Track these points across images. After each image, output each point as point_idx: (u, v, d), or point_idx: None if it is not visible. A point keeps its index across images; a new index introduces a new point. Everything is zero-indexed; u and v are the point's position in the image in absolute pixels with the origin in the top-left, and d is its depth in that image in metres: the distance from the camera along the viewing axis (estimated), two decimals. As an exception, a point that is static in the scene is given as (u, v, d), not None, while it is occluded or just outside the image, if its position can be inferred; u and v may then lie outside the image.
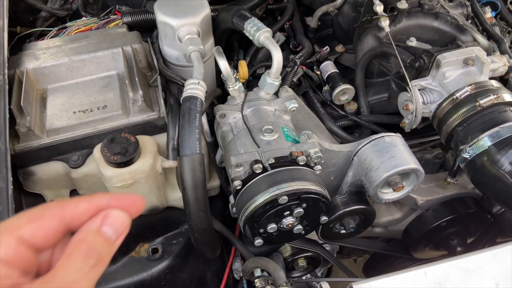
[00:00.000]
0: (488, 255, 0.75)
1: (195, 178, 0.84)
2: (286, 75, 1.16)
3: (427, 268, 0.73)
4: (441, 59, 0.98)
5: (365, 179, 0.93)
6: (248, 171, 0.86)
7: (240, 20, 1.02)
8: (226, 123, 0.98)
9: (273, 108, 0.99)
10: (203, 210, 0.88)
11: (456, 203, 1.14)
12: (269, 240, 0.89)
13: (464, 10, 1.16)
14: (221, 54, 0.96)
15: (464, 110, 0.94)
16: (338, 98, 1.17)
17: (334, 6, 1.25)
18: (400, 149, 0.91)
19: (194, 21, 1.01)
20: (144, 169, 0.94)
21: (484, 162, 0.90)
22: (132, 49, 1.07)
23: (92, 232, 0.40)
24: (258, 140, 0.90)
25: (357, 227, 1.01)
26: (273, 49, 0.95)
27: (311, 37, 1.32)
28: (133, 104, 1.01)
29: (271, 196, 0.81)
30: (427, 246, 1.23)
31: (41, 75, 1.03)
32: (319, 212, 0.88)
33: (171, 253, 1.09)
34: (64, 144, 0.98)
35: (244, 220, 0.85)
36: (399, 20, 1.08)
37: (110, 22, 1.17)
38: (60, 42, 1.10)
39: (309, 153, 0.88)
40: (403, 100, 1.03)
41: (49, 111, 0.99)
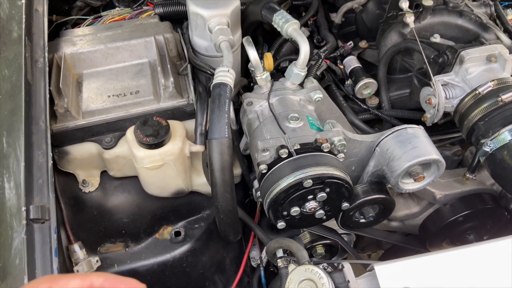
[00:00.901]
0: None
1: (223, 161, 0.88)
2: (310, 68, 1.20)
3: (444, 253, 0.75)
4: (464, 55, 1.00)
5: (386, 169, 0.96)
6: (274, 156, 0.89)
7: (269, 12, 1.06)
8: (253, 111, 1.02)
9: (298, 98, 1.03)
10: (229, 192, 0.91)
11: (474, 198, 1.16)
12: (291, 224, 0.92)
13: (487, 10, 1.18)
14: (250, 43, 1.00)
15: (486, 105, 0.96)
16: (360, 92, 1.20)
17: (358, 3, 1.28)
18: (423, 140, 0.94)
19: (224, 12, 1.05)
20: (173, 151, 0.98)
21: (504, 156, 0.92)
22: (164, 38, 1.12)
23: None
24: (284, 127, 0.94)
25: (376, 217, 1.04)
26: (301, 40, 0.98)
27: (335, 33, 1.35)
28: (164, 90, 1.05)
29: (295, 180, 0.84)
30: (444, 241, 1.24)
31: (77, 60, 1.08)
32: (341, 197, 0.91)
33: (193, 236, 1.13)
34: (98, 126, 1.02)
35: (268, 203, 0.88)
36: (423, 17, 1.11)
37: (142, 12, 1.22)
38: (96, 30, 1.16)
39: (333, 141, 0.91)
40: (426, 95, 1.05)
41: (85, 94, 1.04)
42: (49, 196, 0.82)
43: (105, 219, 1.10)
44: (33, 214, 0.77)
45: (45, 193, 0.82)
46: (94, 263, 1.00)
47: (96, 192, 1.11)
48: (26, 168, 0.81)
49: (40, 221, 0.79)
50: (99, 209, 1.10)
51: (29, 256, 0.75)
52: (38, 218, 0.78)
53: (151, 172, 1.02)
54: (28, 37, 0.99)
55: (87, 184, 1.09)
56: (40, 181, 0.84)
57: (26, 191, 0.79)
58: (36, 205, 0.78)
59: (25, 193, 0.78)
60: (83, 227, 1.06)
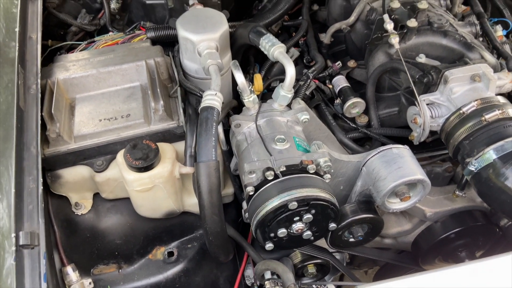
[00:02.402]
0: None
1: (211, 183, 0.90)
2: (299, 88, 1.22)
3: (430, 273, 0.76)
4: (448, 75, 1.02)
5: (373, 189, 0.97)
6: (261, 178, 0.91)
7: (256, 36, 1.08)
8: (241, 132, 1.04)
9: (285, 119, 1.04)
10: (217, 214, 0.93)
11: (465, 215, 1.16)
12: (279, 245, 0.93)
13: (472, 29, 1.20)
14: (237, 67, 1.02)
15: (470, 125, 0.97)
16: (349, 111, 1.22)
17: (347, 24, 1.30)
18: (407, 160, 0.95)
19: (213, 36, 1.08)
20: (163, 174, 1.00)
21: (490, 175, 0.93)
22: (155, 62, 1.15)
23: None
24: (270, 149, 0.95)
25: (366, 236, 1.05)
26: (286, 63, 1.00)
27: (324, 53, 1.37)
28: (154, 113, 1.07)
29: (281, 202, 0.85)
30: (436, 258, 1.24)
31: (70, 85, 1.11)
32: (327, 218, 0.92)
33: (186, 256, 1.14)
34: (90, 150, 1.04)
35: (255, 224, 0.89)
36: (408, 37, 1.13)
37: (135, 36, 1.25)
38: (89, 55, 1.19)
39: (319, 162, 0.92)
40: (412, 114, 1.07)
41: (77, 118, 1.07)
42: (39, 221, 0.84)
43: (98, 241, 1.11)
44: (23, 240, 0.79)
45: (35, 218, 0.84)
46: (87, 285, 1.01)
47: (88, 214, 1.13)
48: (17, 194, 0.83)
49: (30, 246, 0.80)
50: (92, 231, 1.12)
51: (18, 281, 0.76)
52: (28, 244, 0.79)
53: (141, 195, 1.03)
54: (21, 64, 1.02)
55: (80, 206, 1.11)
56: (31, 207, 0.85)
57: (16, 216, 0.81)
58: (25, 231, 0.80)
59: (15, 219, 0.80)
60: (76, 249, 1.08)
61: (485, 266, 0.79)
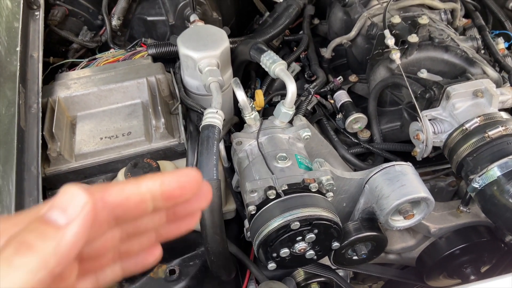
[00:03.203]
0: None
1: (212, 203, 0.89)
2: (300, 103, 1.21)
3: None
4: (450, 91, 1.01)
5: (376, 207, 0.96)
6: (262, 197, 0.90)
7: (257, 53, 1.08)
8: (242, 150, 1.03)
9: (287, 136, 1.04)
10: (219, 234, 0.92)
11: (469, 231, 1.15)
12: (282, 264, 0.92)
13: (474, 43, 1.20)
14: (238, 85, 1.02)
15: (473, 141, 0.96)
16: (351, 126, 1.21)
17: (347, 38, 1.30)
18: (410, 177, 0.94)
19: (214, 53, 1.08)
20: (164, 193, 0.99)
21: (494, 192, 0.92)
22: (156, 79, 1.15)
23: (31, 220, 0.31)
24: (272, 167, 0.95)
25: (369, 254, 1.03)
26: (287, 80, 1.00)
27: (326, 67, 1.37)
28: (155, 131, 1.07)
29: (284, 222, 0.84)
30: (441, 274, 1.23)
31: (71, 103, 1.11)
32: (330, 238, 0.91)
33: (188, 274, 1.12)
34: (91, 168, 1.04)
35: (258, 244, 0.88)
36: (410, 52, 1.13)
37: (136, 53, 1.25)
38: (90, 72, 1.19)
39: (321, 180, 0.92)
40: (414, 130, 1.06)
41: (78, 137, 1.06)
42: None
43: (99, 260, 1.10)
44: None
45: (35, 240, 0.83)
46: (87, 304, 1.00)
47: (89, 232, 1.12)
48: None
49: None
50: (93, 250, 1.11)
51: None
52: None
53: (142, 213, 1.03)
54: (22, 84, 1.02)
55: (81, 225, 1.10)
56: (31, 228, 0.85)
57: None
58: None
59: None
60: (77, 268, 1.07)
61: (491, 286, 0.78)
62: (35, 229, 0.30)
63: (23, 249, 0.28)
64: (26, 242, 0.29)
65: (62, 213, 0.31)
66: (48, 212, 0.31)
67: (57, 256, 0.29)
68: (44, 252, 0.29)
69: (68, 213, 0.31)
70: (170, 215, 0.38)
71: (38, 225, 0.30)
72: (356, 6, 1.33)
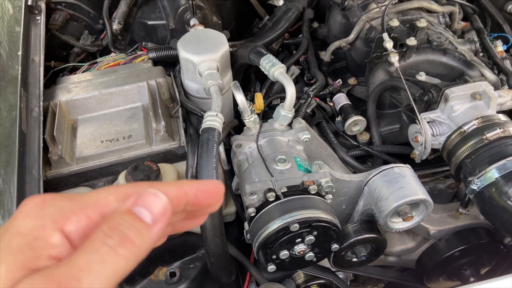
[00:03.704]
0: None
1: (212, 205, 0.90)
2: (300, 106, 1.22)
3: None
4: (449, 93, 1.02)
5: (375, 209, 0.96)
6: (262, 199, 0.91)
7: (256, 57, 1.09)
8: (242, 153, 1.04)
9: (286, 138, 1.04)
10: (219, 236, 0.92)
11: (469, 233, 1.15)
12: (281, 267, 0.93)
13: (472, 46, 1.21)
14: (238, 88, 1.03)
15: (471, 143, 0.97)
16: (350, 129, 1.22)
17: (346, 41, 1.31)
18: (409, 179, 0.95)
19: (213, 57, 1.09)
20: (164, 195, 1.00)
21: (492, 194, 0.92)
22: (156, 83, 1.15)
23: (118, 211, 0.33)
24: (271, 170, 0.95)
25: (369, 256, 1.04)
26: (286, 83, 1.01)
27: (325, 70, 1.38)
28: (156, 134, 1.08)
29: (283, 224, 0.85)
30: (441, 276, 1.23)
31: (72, 107, 1.12)
32: (330, 240, 0.91)
33: (188, 277, 1.13)
34: (92, 171, 1.05)
35: (257, 246, 0.89)
36: (408, 55, 1.13)
37: (136, 57, 1.26)
38: (91, 76, 1.20)
39: (320, 183, 0.92)
40: (413, 132, 1.07)
41: (79, 140, 1.07)
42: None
43: (99, 262, 1.11)
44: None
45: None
46: (88, 307, 1.00)
47: (90, 235, 1.12)
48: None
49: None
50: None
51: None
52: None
53: (143, 216, 1.03)
54: (24, 88, 1.03)
55: (82, 228, 1.11)
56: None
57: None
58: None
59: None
60: (78, 270, 1.07)
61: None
62: (132, 224, 0.32)
63: (127, 243, 0.31)
64: (128, 236, 0.31)
65: (149, 212, 0.33)
66: (136, 208, 0.33)
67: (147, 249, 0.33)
68: (141, 247, 0.32)
69: (154, 213, 0.33)
70: (188, 214, 0.41)
71: (133, 220, 0.32)
72: (355, 9, 1.34)
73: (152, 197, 0.34)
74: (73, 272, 0.29)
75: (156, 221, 0.33)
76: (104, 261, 0.30)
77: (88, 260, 0.30)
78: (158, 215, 0.33)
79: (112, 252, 0.30)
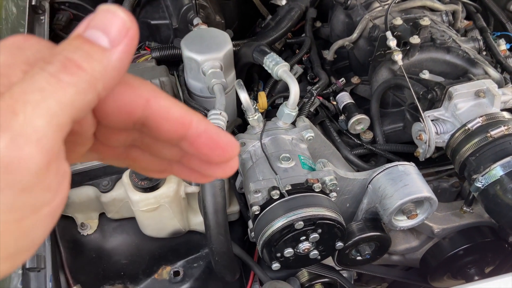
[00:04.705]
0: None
1: (216, 203, 0.90)
2: (303, 105, 1.22)
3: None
4: (453, 91, 1.02)
5: (379, 207, 0.96)
6: (266, 197, 0.91)
7: (259, 55, 1.09)
8: (246, 151, 1.04)
9: (290, 137, 1.05)
10: (223, 234, 0.92)
11: (473, 231, 1.15)
12: (286, 265, 0.93)
13: (475, 44, 1.21)
14: (241, 87, 1.03)
15: (476, 141, 0.96)
16: (353, 128, 1.22)
17: (349, 40, 1.31)
18: (414, 177, 0.95)
19: (217, 56, 1.09)
20: (168, 194, 1.00)
21: (497, 191, 0.92)
22: (160, 82, 1.16)
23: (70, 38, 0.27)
24: (275, 168, 0.95)
25: (373, 254, 1.04)
26: (290, 82, 1.01)
27: (328, 69, 1.38)
28: (160, 133, 1.08)
29: (287, 221, 0.85)
30: (445, 275, 1.23)
31: (76, 106, 1.12)
32: (334, 237, 0.91)
33: (192, 276, 1.13)
34: (96, 170, 1.05)
35: (262, 244, 0.89)
36: (412, 54, 1.13)
37: (140, 56, 1.26)
38: (94, 75, 1.20)
39: (325, 181, 0.92)
40: (417, 130, 1.06)
41: (83, 139, 1.07)
42: (45, 244, 0.84)
43: (104, 261, 1.11)
44: (29, 263, 0.79)
45: (42, 241, 0.84)
46: (93, 306, 1.01)
47: (94, 234, 1.13)
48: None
49: (36, 269, 0.80)
50: (97, 251, 1.12)
51: (25, 304, 0.76)
52: (34, 267, 0.79)
53: (147, 215, 1.03)
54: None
55: (86, 227, 1.11)
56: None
57: (22, 239, 0.81)
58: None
59: (21, 242, 0.80)
60: (82, 270, 1.07)
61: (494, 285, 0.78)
62: (79, 48, 0.26)
63: (71, 68, 0.25)
64: (73, 60, 0.25)
65: (104, 35, 0.26)
66: (87, 31, 0.26)
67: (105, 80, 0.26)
68: (93, 73, 0.25)
69: (111, 35, 0.26)
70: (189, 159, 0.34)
71: (81, 44, 0.26)
72: (358, 8, 1.34)
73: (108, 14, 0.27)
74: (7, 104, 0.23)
75: (115, 43, 0.26)
76: (43, 89, 0.24)
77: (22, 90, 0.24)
78: (117, 35, 0.26)
79: (52, 79, 0.24)
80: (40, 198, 0.24)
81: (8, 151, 0.22)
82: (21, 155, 0.22)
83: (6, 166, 0.22)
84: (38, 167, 0.23)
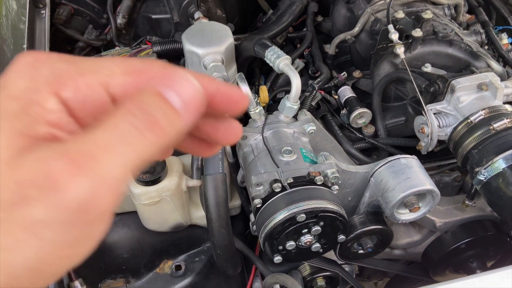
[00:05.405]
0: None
1: (218, 196, 0.90)
2: (305, 99, 1.21)
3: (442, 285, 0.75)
4: (455, 84, 1.02)
5: (381, 200, 0.96)
6: (268, 190, 0.90)
7: (261, 49, 1.09)
8: (247, 145, 1.04)
9: (292, 130, 1.04)
10: (224, 227, 0.92)
11: (475, 225, 1.15)
12: (288, 258, 0.92)
13: (478, 37, 1.20)
14: (243, 80, 1.03)
15: (478, 134, 0.96)
16: (355, 121, 1.21)
17: (351, 34, 1.30)
18: (416, 170, 0.94)
19: (218, 49, 1.08)
20: (170, 187, 1.00)
21: (500, 184, 0.92)
22: (161, 76, 1.15)
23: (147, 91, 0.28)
24: (277, 161, 0.95)
25: (375, 247, 1.03)
26: (292, 75, 1.00)
27: (329, 63, 1.37)
28: (161, 126, 1.08)
29: (289, 214, 0.85)
30: (447, 269, 1.23)
31: (77, 100, 1.12)
32: (336, 230, 0.91)
33: (194, 270, 1.13)
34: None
35: (263, 237, 0.88)
36: (414, 47, 1.13)
37: (141, 51, 1.26)
38: (96, 69, 1.19)
39: (327, 173, 0.92)
40: (419, 124, 1.06)
41: (84, 133, 1.07)
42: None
43: (105, 255, 1.11)
44: (31, 255, 0.78)
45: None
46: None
47: (96, 228, 1.12)
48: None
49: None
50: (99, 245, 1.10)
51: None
52: (36, 260, 0.79)
53: (149, 208, 1.03)
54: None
55: (87, 220, 1.11)
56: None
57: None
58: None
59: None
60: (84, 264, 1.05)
61: (497, 277, 0.78)
62: (159, 106, 0.27)
63: (155, 127, 0.27)
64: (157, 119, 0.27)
65: (177, 96, 0.28)
66: (164, 90, 0.28)
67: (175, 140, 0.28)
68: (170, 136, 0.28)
69: (183, 98, 0.28)
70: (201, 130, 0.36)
71: (159, 102, 0.28)
72: (360, 2, 1.33)
73: (183, 80, 0.29)
74: (89, 149, 0.24)
75: (187, 108, 0.28)
76: (128, 142, 0.25)
77: (108, 138, 0.25)
78: (189, 101, 0.28)
79: (139, 135, 0.26)
80: (99, 229, 0.28)
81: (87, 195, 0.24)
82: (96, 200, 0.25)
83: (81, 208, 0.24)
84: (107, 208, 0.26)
